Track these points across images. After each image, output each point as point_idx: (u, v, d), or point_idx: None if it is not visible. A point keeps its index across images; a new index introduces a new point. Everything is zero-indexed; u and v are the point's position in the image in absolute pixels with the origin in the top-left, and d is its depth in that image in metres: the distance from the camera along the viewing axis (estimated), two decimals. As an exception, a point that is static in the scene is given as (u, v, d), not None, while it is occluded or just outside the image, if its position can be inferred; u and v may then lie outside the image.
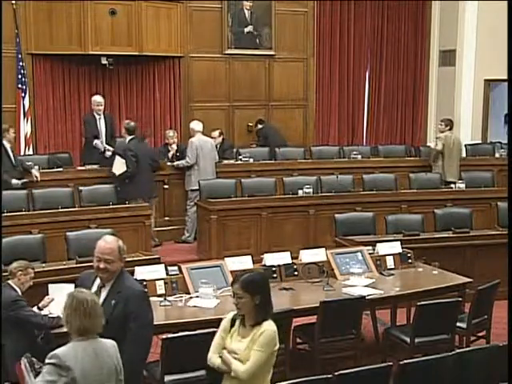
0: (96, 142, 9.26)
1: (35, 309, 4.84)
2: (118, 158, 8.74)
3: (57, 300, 4.82)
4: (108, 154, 9.18)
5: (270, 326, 3.63)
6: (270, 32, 11.73)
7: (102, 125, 9.40)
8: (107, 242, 3.90)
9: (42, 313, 4.77)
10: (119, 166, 8.64)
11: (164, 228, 9.37)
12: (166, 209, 9.54)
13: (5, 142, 8.22)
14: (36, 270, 5.39)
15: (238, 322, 3.73)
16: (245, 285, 3.64)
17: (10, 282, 4.82)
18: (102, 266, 3.84)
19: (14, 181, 7.98)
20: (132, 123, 8.95)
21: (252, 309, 3.64)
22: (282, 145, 10.93)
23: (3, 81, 9.54)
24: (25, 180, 8.18)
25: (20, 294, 4.82)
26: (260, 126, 11.36)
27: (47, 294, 5.03)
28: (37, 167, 8.47)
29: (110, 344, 3.35)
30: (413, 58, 13.18)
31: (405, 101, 13.28)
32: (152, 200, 8.88)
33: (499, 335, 5.72)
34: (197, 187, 9.07)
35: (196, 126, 9.59)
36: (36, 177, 8.30)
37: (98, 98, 9.55)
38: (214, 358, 3.70)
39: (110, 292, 3.86)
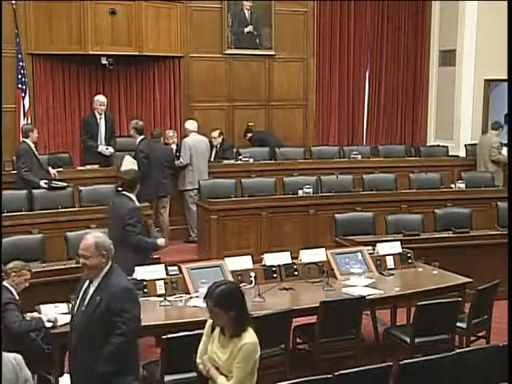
0: (101, 148, 9.29)
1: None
2: (127, 157, 8.72)
3: (50, 309, 4.83)
4: (108, 152, 9.15)
5: (249, 339, 3.60)
6: (270, 32, 11.72)
7: (102, 124, 9.42)
8: (85, 238, 4.05)
9: (41, 315, 4.73)
10: (129, 165, 8.53)
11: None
12: (166, 209, 9.55)
13: (29, 142, 8.29)
14: (36, 270, 5.39)
15: (217, 329, 3.72)
16: (217, 301, 3.61)
17: (4, 282, 4.79)
18: (81, 261, 4.01)
19: (42, 183, 8.01)
20: (140, 122, 8.98)
21: (229, 322, 3.61)
22: (278, 145, 10.94)
23: (3, 81, 9.54)
24: (55, 182, 8.18)
25: (15, 294, 4.79)
26: (249, 135, 11.33)
27: (43, 303, 4.98)
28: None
29: (8, 359, 3.32)
30: (413, 57, 13.17)
31: (405, 101, 13.27)
32: (164, 199, 8.95)
33: (499, 335, 5.72)
34: (190, 187, 9.09)
35: (190, 125, 9.60)
36: (54, 174, 8.37)
37: (101, 98, 9.58)
38: (201, 366, 3.77)
39: (96, 288, 3.96)
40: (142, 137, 8.77)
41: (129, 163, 8.61)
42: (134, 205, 6.13)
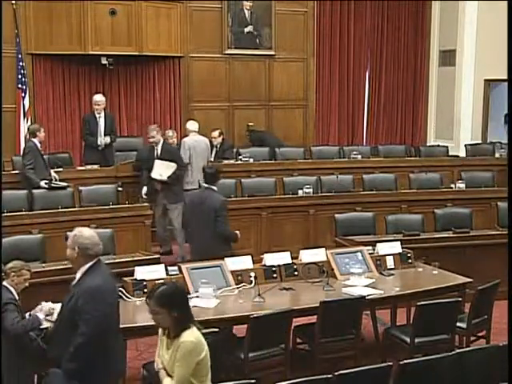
0: (100, 141, 9.32)
1: (27, 315, 4.79)
2: (157, 161, 8.51)
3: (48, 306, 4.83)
4: (105, 141, 9.28)
5: (188, 337, 3.56)
6: (270, 32, 11.73)
7: (101, 123, 9.42)
8: (74, 229, 4.16)
9: (38, 314, 4.72)
10: (163, 169, 8.42)
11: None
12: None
13: (36, 142, 8.33)
14: (36, 270, 5.38)
15: (166, 332, 3.71)
16: (160, 300, 3.58)
17: (4, 282, 4.79)
18: None
19: (42, 183, 8.02)
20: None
21: (171, 322, 3.59)
22: (278, 145, 10.96)
23: (3, 81, 9.55)
24: (55, 182, 8.20)
25: (15, 294, 4.78)
26: (249, 137, 11.49)
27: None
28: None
29: None
30: (413, 57, 13.19)
31: (405, 101, 13.29)
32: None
33: (499, 335, 5.72)
34: (190, 187, 9.08)
35: (191, 125, 9.59)
36: (55, 178, 8.35)
37: (96, 98, 9.60)
38: (156, 369, 3.76)
39: (74, 285, 4.03)
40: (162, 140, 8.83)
41: (163, 166, 8.46)
42: (223, 197, 6.57)
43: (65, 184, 8.21)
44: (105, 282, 4.02)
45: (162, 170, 8.46)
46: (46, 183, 8.01)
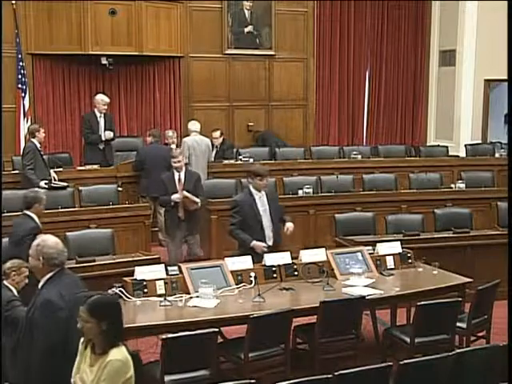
0: (104, 135, 9.30)
1: None
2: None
3: None
4: (109, 135, 9.28)
5: (116, 356, 3.32)
6: (270, 32, 11.74)
7: (101, 123, 9.42)
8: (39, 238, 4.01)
9: None
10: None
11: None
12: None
13: (36, 142, 8.34)
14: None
15: (89, 347, 3.44)
16: (91, 308, 3.34)
17: (5, 282, 4.80)
18: None
19: (42, 183, 8.02)
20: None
21: (98, 335, 3.34)
22: (278, 145, 10.97)
23: (3, 81, 9.55)
24: (55, 182, 8.20)
25: (16, 293, 4.80)
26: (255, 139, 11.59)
27: None
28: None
29: None
30: (413, 57, 13.19)
31: (405, 101, 13.29)
32: None
33: (499, 335, 5.71)
34: None
35: (192, 126, 9.60)
36: (54, 178, 8.36)
37: (105, 98, 9.56)
38: None
39: (37, 294, 3.84)
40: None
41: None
42: (238, 198, 6.62)
43: (65, 184, 8.21)
44: (59, 295, 3.76)
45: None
46: (45, 183, 8.01)
